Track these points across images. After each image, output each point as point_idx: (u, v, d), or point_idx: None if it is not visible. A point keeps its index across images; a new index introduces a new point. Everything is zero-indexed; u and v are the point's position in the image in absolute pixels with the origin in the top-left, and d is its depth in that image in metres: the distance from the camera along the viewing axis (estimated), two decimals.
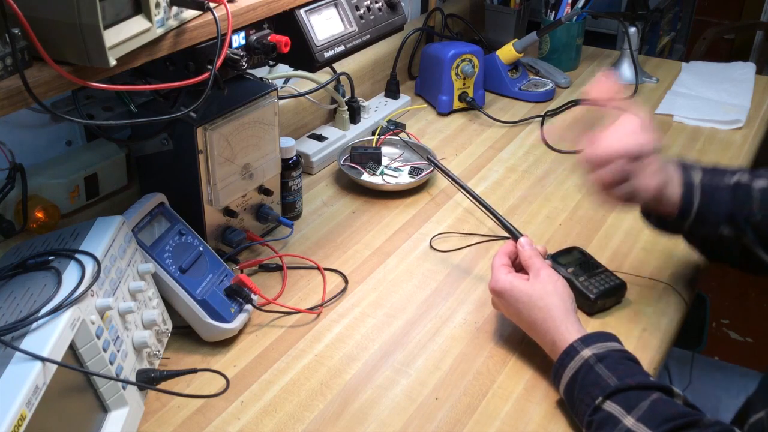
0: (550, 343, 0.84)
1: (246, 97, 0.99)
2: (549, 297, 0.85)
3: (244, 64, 0.85)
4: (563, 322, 0.83)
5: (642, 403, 0.73)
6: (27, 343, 0.64)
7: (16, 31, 0.59)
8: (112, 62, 0.64)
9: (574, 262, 1.00)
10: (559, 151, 1.38)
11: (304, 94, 1.31)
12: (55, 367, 0.64)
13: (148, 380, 0.79)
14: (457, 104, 1.52)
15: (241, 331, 0.93)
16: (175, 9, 0.74)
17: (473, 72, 1.48)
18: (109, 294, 0.76)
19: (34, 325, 0.66)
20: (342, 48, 1.00)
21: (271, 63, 0.97)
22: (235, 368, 0.89)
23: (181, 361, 0.89)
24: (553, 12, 1.69)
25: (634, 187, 0.86)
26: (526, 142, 1.42)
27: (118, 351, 0.75)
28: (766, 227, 0.88)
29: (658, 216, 0.93)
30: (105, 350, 0.72)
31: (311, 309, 0.98)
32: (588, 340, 0.81)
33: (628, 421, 0.72)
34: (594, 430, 0.75)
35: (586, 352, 0.79)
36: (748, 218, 0.88)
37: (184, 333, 0.92)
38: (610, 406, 0.74)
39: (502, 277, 0.88)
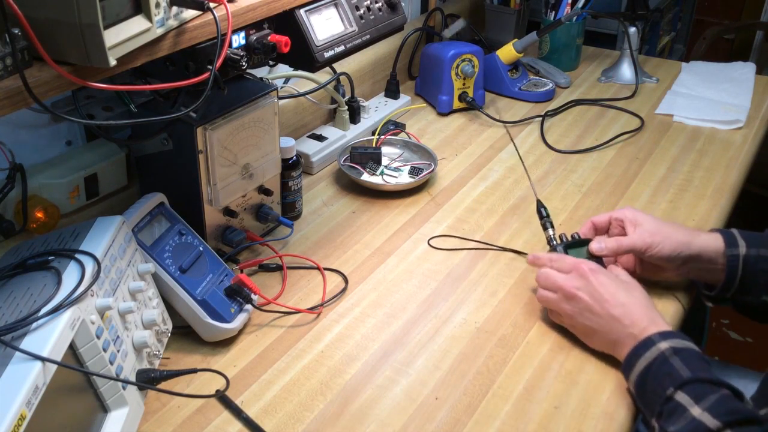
0: (625, 335, 0.84)
1: (246, 97, 0.99)
2: (636, 288, 0.88)
3: (244, 64, 0.85)
4: (645, 314, 0.84)
5: (711, 396, 0.73)
6: (27, 343, 0.64)
7: (16, 31, 0.59)
8: (112, 62, 0.64)
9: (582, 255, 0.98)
10: (559, 151, 1.38)
11: (304, 94, 1.31)
12: (55, 367, 0.64)
13: (148, 380, 0.79)
14: (457, 104, 1.52)
15: (241, 331, 0.93)
16: (175, 9, 0.74)
17: (473, 72, 1.48)
18: (109, 294, 0.76)
19: (34, 325, 0.66)
20: (342, 48, 1.00)
21: (271, 63, 0.97)
22: (235, 368, 0.89)
23: (181, 361, 0.89)
24: (553, 12, 1.69)
25: (627, 246, 0.94)
26: (526, 142, 1.42)
27: (118, 351, 0.75)
28: None
29: (705, 285, 0.98)
30: (105, 350, 0.72)
31: (311, 309, 0.98)
32: (667, 335, 0.81)
33: (695, 410, 0.73)
34: (663, 420, 0.75)
35: (663, 345, 0.79)
36: None
37: (184, 333, 0.92)
38: (681, 397, 0.75)
39: (590, 259, 0.92)
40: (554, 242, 1.00)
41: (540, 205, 1.04)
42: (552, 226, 1.01)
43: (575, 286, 0.88)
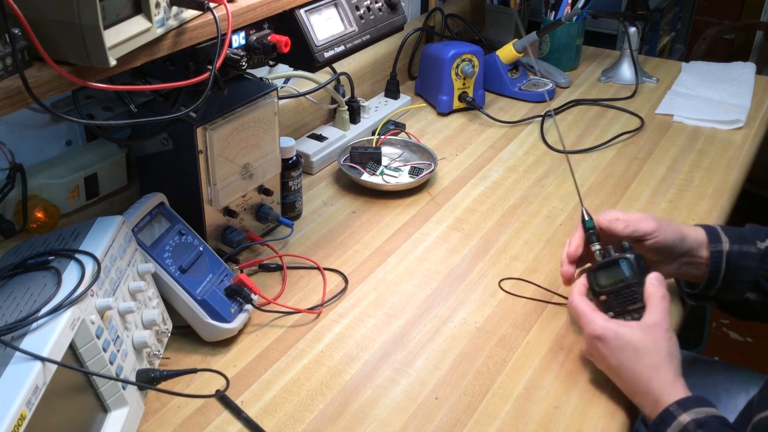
0: (651, 403, 0.78)
1: (246, 97, 0.99)
2: (657, 348, 0.79)
3: (244, 64, 0.85)
4: (665, 380, 0.78)
5: None
6: (27, 343, 0.64)
7: (16, 31, 0.59)
8: (112, 62, 0.64)
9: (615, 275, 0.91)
10: (559, 151, 1.38)
11: (304, 94, 1.31)
12: (55, 367, 0.64)
13: (148, 380, 0.79)
14: (457, 104, 1.52)
15: (241, 331, 0.93)
16: (175, 9, 0.74)
17: (473, 72, 1.48)
18: (109, 294, 0.76)
19: (34, 325, 0.66)
20: (342, 48, 1.00)
21: (271, 63, 0.97)
22: (235, 368, 0.89)
23: (181, 361, 0.89)
24: (553, 12, 1.69)
25: (628, 223, 0.90)
26: (526, 142, 1.42)
27: (118, 351, 0.75)
28: None
29: (687, 283, 0.96)
30: (105, 350, 0.72)
31: (311, 309, 0.98)
32: (685, 403, 0.75)
33: None
34: None
35: (685, 418, 0.74)
36: None
37: (184, 333, 0.92)
38: None
39: (603, 323, 0.82)
40: (599, 254, 0.90)
41: (584, 218, 0.93)
42: (598, 239, 0.91)
43: (587, 351, 0.86)
